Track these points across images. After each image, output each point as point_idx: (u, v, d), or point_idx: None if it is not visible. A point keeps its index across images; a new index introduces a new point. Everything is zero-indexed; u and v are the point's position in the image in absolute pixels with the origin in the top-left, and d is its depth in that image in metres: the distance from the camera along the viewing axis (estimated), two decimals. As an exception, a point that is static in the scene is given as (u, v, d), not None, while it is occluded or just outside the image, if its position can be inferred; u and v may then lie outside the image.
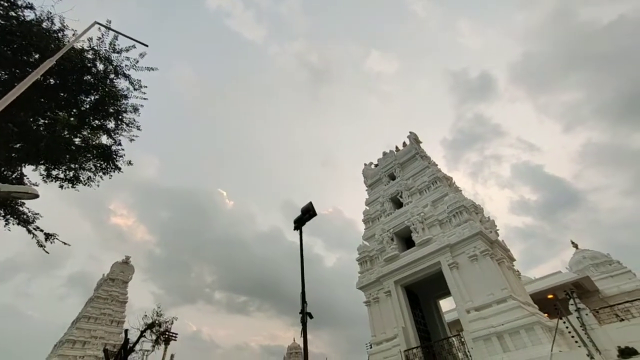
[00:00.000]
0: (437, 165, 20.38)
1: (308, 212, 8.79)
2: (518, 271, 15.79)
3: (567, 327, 10.84)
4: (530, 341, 10.09)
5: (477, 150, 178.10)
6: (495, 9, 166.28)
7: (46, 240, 9.25)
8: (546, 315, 12.51)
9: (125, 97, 10.38)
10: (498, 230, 16.08)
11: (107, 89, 9.61)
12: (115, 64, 9.69)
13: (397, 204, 18.75)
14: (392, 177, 20.62)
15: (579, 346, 9.60)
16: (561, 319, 11.13)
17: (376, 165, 22.77)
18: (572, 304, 12.64)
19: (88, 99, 9.69)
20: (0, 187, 4.78)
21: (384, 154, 22.46)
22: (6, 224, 9.15)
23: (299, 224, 8.82)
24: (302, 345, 7.52)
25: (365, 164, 23.70)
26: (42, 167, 9.45)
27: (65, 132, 9.26)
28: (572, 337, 10.43)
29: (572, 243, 33.77)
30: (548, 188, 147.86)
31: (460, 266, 13.34)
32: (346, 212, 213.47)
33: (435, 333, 15.80)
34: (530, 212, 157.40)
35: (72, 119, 8.88)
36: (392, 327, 14.11)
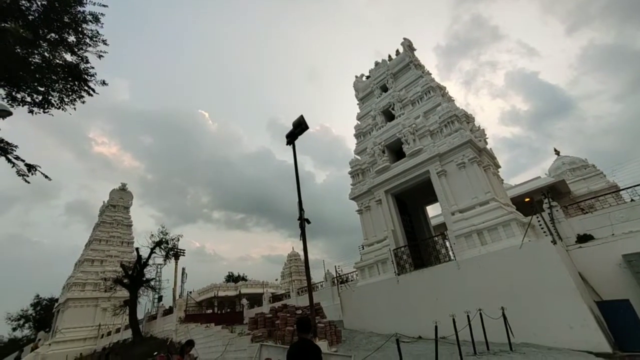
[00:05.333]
0: (430, 74, 19.39)
1: (300, 126, 8.67)
2: (502, 179, 16.67)
3: (539, 222, 12.06)
4: (506, 235, 11.31)
5: (472, 58, 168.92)
6: None
7: (28, 171, 9.03)
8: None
9: (80, 2, 8.95)
10: (487, 138, 16.35)
11: (53, -9, 8.17)
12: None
13: (389, 116, 18.46)
14: (385, 89, 19.78)
15: (546, 235, 10.84)
16: (534, 215, 12.29)
17: (367, 77, 21.58)
18: (545, 203, 13.81)
19: (34, 5, 8.31)
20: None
21: (376, 64, 21.03)
22: None
23: (291, 138, 8.80)
24: (301, 253, 8.31)
25: (356, 77, 22.40)
26: (0, 90, 8.63)
27: (19, 48, 8.22)
28: (542, 229, 11.68)
29: (555, 150, 35.02)
30: (540, 96, 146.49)
31: (448, 174, 13.96)
32: (334, 129, 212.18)
33: (422, 235, 17.52)
34: (520, 122, 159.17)
35: (22, 30, 7.75)
36: (382, 230, 15.50)
